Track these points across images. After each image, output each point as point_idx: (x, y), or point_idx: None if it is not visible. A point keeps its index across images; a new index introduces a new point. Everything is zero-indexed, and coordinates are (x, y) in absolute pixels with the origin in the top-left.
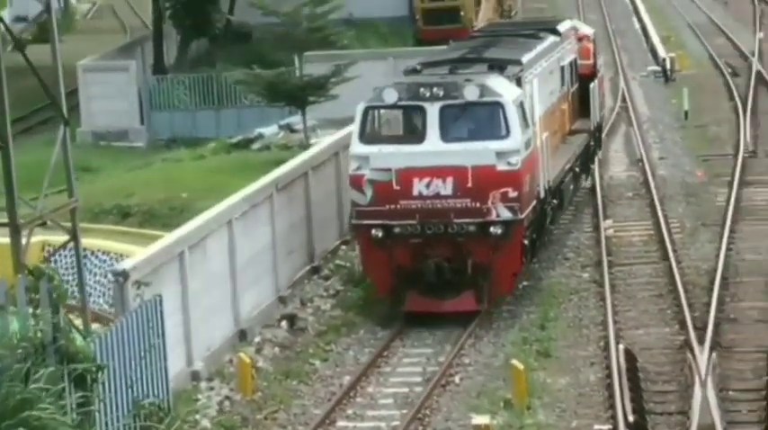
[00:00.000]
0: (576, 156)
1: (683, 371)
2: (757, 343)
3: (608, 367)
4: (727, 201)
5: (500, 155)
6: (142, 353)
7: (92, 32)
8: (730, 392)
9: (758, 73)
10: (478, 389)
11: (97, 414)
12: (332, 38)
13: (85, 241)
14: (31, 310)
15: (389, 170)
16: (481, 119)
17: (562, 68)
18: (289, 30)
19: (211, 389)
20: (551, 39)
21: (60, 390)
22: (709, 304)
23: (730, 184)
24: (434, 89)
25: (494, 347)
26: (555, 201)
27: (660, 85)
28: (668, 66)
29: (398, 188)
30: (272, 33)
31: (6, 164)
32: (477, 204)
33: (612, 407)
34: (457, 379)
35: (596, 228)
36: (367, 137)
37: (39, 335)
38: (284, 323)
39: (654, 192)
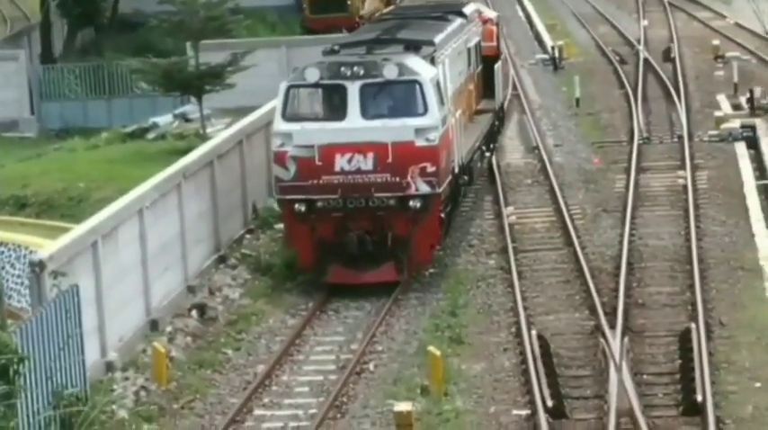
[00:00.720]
0: (484, 134)
1: (596, 355)
2: (667, 327)
3: (522, 353)
4: (626, 187)
5: (419, 131)
6: (61, 344)
7: None
8: (645, 376)
9: (646, 60)
10: (394, 376)
11: (19, 405)
12: (228, 26)
13: None
14: None
15: (312, 146)
16: (400, 96)
17: (469, 50)
18: (185, 18)
19: (126, 379)
20: (459, 21)
21: None
22: (616, 289)
23: (627, 171)
24: (355, 68)
25: (406, 334)
26: (465, 177)
27: (549, 73)
28: (556, 54)
29: (321, 164)
30: (169, 22)
31: None
32: (397, 179)
33: (530, 392)
34: (371, 366)
35: (498, 215)
36: (290, 115)
37: None
38: (194, 312)
39: (552, 178)
